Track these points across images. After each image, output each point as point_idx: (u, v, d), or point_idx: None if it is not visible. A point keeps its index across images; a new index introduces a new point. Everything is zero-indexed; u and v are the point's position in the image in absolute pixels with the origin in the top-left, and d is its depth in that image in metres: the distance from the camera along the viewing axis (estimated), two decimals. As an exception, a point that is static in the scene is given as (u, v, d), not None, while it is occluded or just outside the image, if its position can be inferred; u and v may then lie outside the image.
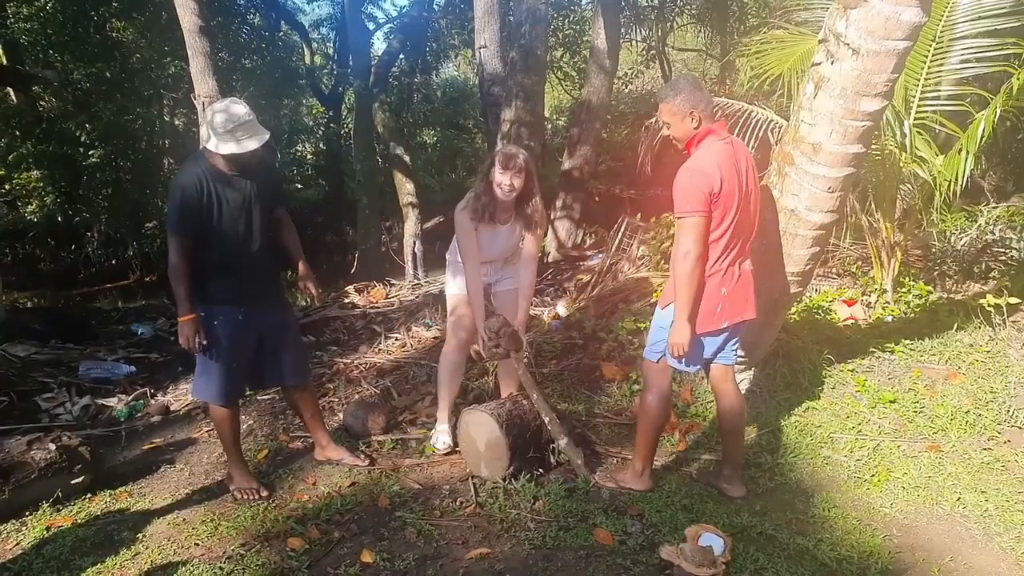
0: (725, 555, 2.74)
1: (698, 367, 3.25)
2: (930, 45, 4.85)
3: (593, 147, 8.48)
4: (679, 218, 2.92)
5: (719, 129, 2.99)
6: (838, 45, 2.96)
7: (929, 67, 4.92)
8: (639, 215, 6.70)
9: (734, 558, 2.77)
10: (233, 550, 3.01)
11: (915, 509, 3.21)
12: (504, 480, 3.44)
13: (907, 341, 4.60)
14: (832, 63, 3.03)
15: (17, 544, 3.17)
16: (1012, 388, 4.10)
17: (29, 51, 12.16)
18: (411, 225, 10.01)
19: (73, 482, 3.51)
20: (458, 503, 3.35)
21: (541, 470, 3.55)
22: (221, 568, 2.88)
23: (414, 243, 9.68)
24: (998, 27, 4.69)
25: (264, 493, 3.51)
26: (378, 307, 6.85)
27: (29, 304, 10.89)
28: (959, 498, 3.27)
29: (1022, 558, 2.85)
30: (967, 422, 3.85)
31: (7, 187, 12.97)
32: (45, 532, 3.23)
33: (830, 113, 3.12)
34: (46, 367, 5.53)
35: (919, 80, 4.93)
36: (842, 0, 2.94)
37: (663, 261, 5.76)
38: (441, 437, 3.87)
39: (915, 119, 4.91)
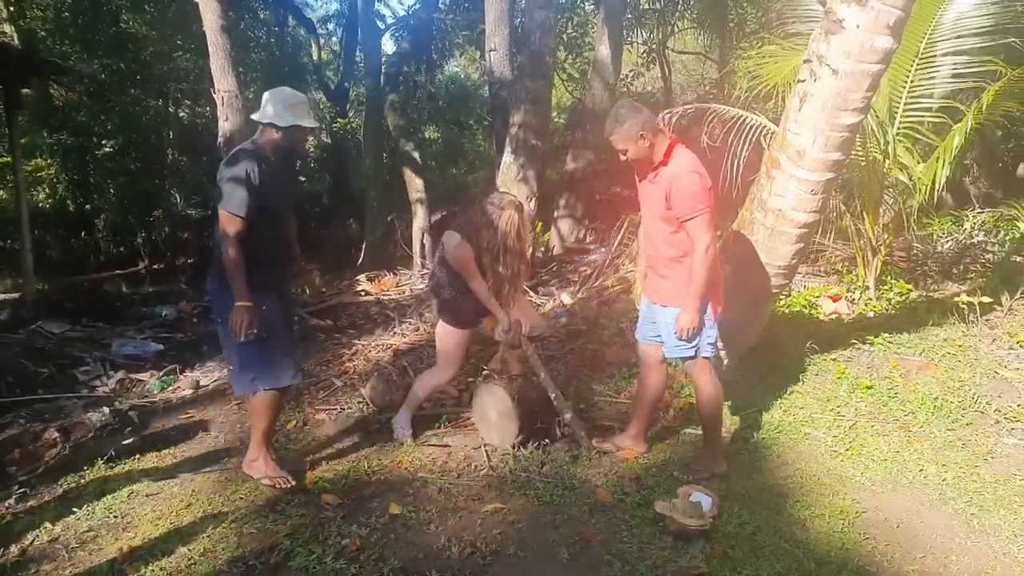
0: (713, 510, 3.12)
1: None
2: (912, 61, 5.24)
3: (593, 149, 8.83)
4: (692, 218, 3.17)
5: (676, 138, 3.31)
6: (820, 65, 3.33)
7: (913, 80, 5.31)
8: (638, 212, 7.05)
9: (720, 514, 3.15)
10: (275, 504, 3.37)
11: (882, 478, 3.59)
12: (513, 448, 3.81)
13: (886, 335, 4.98)
14: (815, 81, 3.41)
15: (78, 495, 3.52)
16: (979, 378, 4.50)
17: (44, 43, 12.44)
18: (420, 219, 10.39)
19: (124, 443, 3.86)
20: (473, 467, 3.73)
21: (547, 440, 3.92)
22: (266, 517, 3.24)
23: (423, 236, 10.07)
24: (975, 46, 5.08)
25: (292, 482, 3.50)
26: (390, 295, 7.22)
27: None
28: (921, 469, 3.66)
29: (971, 518, 3.26)
30: (935, 407, 4.24)
31: (10, 177, 13.21)
32: (103, 484, 3.58)
33: (814, 123, 3.50)
34: (79, 343, 5.88)
35: (903, 93, 5.32)
36: (824, 26, 3.32)
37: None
38: (406, 431, 4.03)
39: (899, 128, 5.30)
